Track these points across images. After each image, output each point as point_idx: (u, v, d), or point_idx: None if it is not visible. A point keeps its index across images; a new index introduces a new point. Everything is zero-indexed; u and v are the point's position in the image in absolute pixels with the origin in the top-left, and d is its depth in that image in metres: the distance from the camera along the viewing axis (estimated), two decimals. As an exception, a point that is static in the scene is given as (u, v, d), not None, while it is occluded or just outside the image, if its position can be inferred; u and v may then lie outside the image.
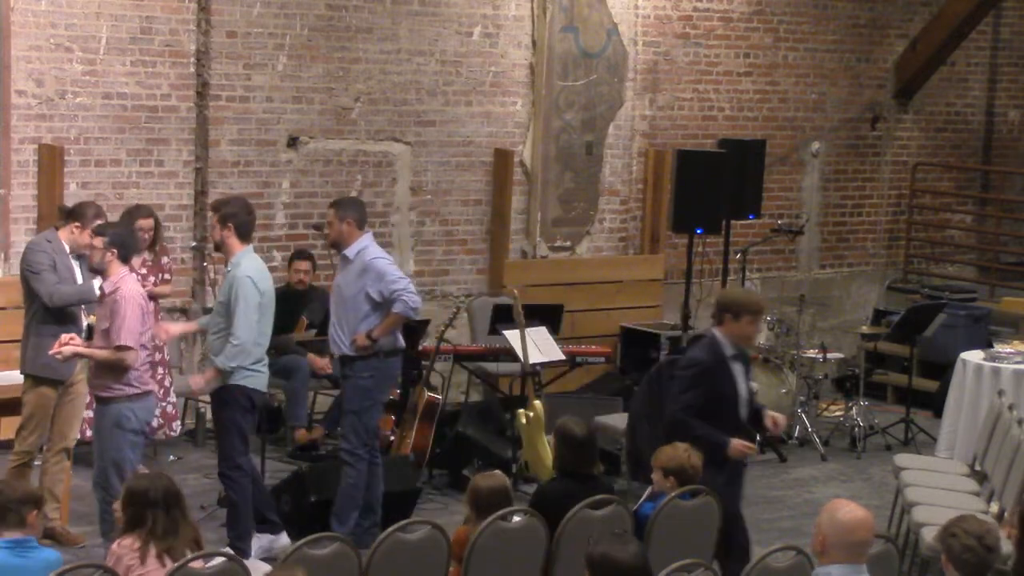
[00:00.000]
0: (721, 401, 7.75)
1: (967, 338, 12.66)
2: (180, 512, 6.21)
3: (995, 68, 15.52)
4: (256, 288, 8.36)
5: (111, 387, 7.92)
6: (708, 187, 11.20)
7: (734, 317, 7.79)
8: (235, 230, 8.40)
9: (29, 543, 6.17)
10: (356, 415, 8.92)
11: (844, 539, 5.58)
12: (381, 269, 8.82)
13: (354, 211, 8.95)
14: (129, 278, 8.00)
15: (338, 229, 8.90)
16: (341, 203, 9.08)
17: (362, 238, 8.91)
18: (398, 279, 8.83)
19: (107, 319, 7.92)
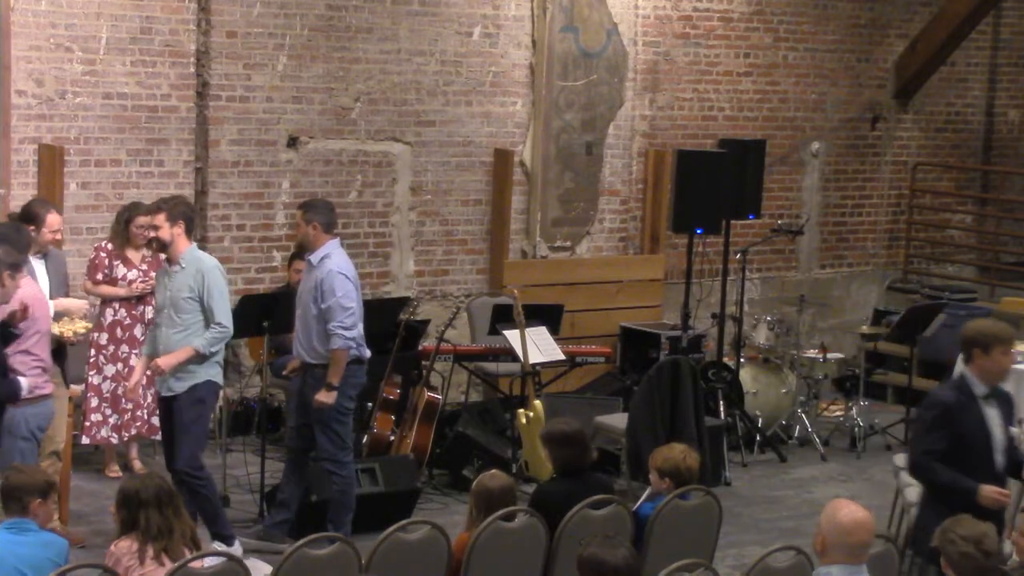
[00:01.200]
0: (969, 445, 6.99)
1: (967, 338, 12.64)
2: (174, 511, 6.21)
3: (995, 68, 15.52)
4: (224, 278, 8.40)
5: None
6: (708, 187, 11.19)
7: (984, 351, 7.01)
8: (184, 227, 8.36)
9: (26, 524, 6.21)
10: (324, 425, 8.79)
11: (843, 540, 5.59)
12: (332, 287, 8.62)
13: (322, 215, 8.77)
14: (25, 280, 7.90)
15: (304, 232, 8.76)
16: (309, 206, 8.90)
17: (328, 244, 8.75)
18: (343, 308, 8.60)
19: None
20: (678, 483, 7.34)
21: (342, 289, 8.62)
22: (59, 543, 6.35)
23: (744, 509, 10.25)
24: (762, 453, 11.61)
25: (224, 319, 8.36)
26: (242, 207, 11.51)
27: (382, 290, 12.14)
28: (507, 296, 11.02)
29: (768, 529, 9.84)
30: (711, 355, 12.08)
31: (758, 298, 13.89)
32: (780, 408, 11.94)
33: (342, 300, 8.62)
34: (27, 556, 6.15)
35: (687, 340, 11.57)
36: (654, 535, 7.18)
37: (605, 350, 11.85)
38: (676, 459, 7.36)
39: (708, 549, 7.47)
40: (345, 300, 8.63)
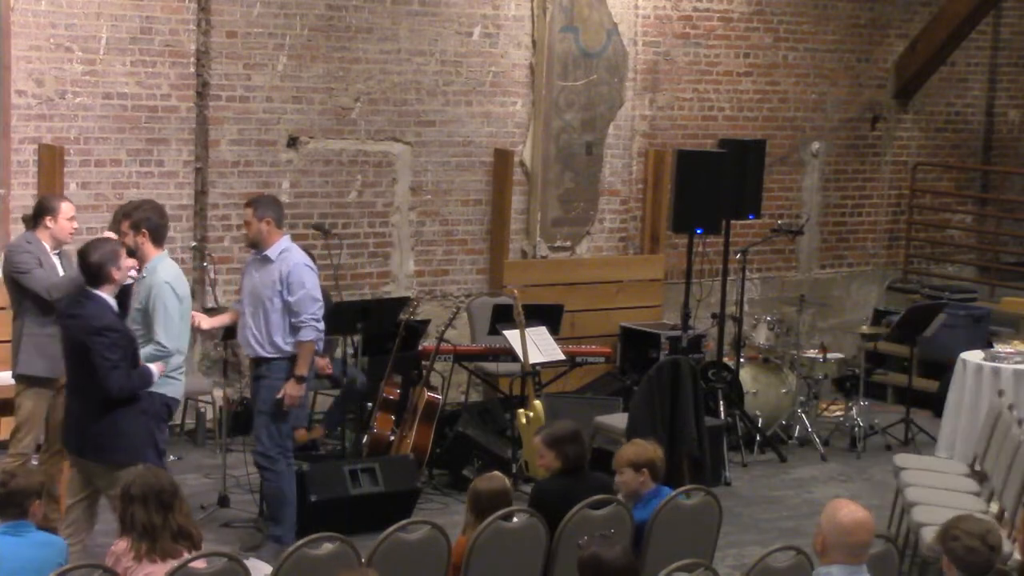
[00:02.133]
0: None
1: (967, 338, 12.66)
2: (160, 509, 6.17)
3: (995, 68, 15.52)
4: (175, 294, 8.05)
5: None
6: (708, 187, 11.19)
7: None
8: (149, 235, 8.10)
9: (26, 525, 6.21)
10: (269, 416, 8.69)
11: (843, 540, 5.59)
12: (301, 280, 8.59)
13: (272, 210, 8.73)
14: None
15: (257, 228, 8.66)
16: (258, 202, 8.82)
17: (282, 239, 8.71)
18: (314, 300, 8.61)
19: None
20: (654, 475, 7.37)
21: (311, 281, 8.63)
22: (58, 543, 6.35)
23: (744, 509, 10.25)
24: (762, 453, 11.61)
25: (164, 339, 7.92)
26: (242, 207, 11.49)
27: (382, 290, 12.14)
28: (507, 296, 11.02)
29: (768, 529, 9.84)
30: (711, 355, 12.08)
31: (758, 298, 13.89)
32: (780, 408, 11.94)
33: (312, 291, 8.63)
34: (28, 557, 6.15)
35: (687, 340, 11.57)
36: (654, 535, 7.18)
37: (605, 350, 11.85)
38: (649, 450, 7.40)
39: (708, 549, 7.47)
40: (315, 291, 8.65)
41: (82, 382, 7.60)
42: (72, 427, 7.74)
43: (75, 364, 7.63)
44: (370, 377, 10.90)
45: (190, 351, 11.32)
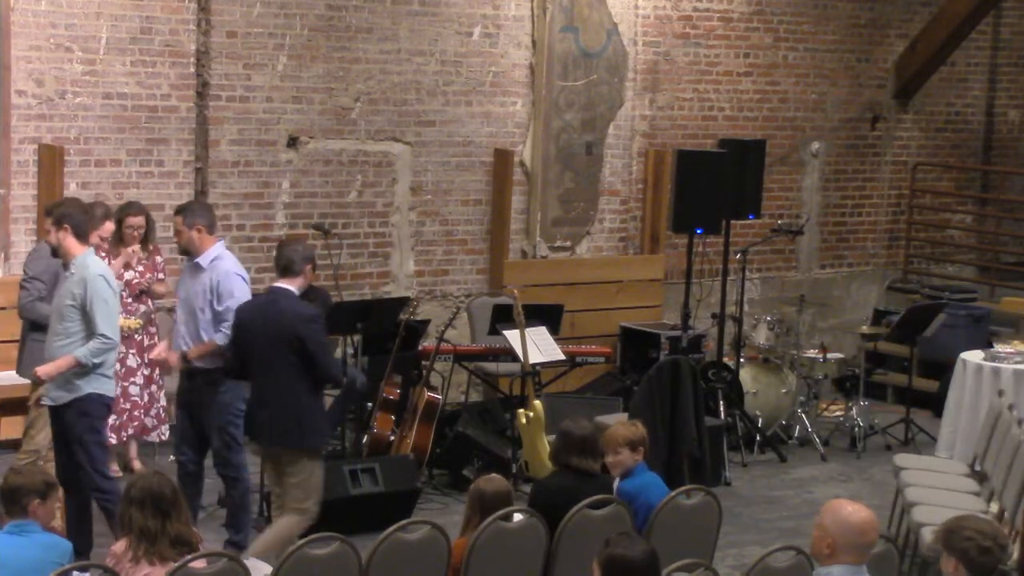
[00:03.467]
0: None
1: (967, 338, 12.66)
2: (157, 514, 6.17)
3: (995, 68, 15.52)
4: (110, 287, 8.03)
5: None
6: (708, 187, 11.19)
7: None
8: (72, 231, 8.03)
9: (29, 526, 6.21)
10: (223, 430, 8.53)
11: (855, 540, 5.57)
12: (230, 290, 8.35)
13: (203, 216, 8.52)
14: None
15: (187, 236, 8.47)
16: (187, 209, 8.62)
17: (215, 246, 8.51)
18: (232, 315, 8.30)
19: None
20: (646, 452, 7.58)
21: (240, 291, 8.37)
22: (62, 544, 6.36)
23: (744, 509, 10.25)
24: (762, 453, 11.61)
25: (108, 330, 7.91)
26: (242, 207, 11.52)
27: (382, 290, 12.14)
28: (507, 296, 11.02)
29: (768, 529, 9.84)
30: (711, 355, 12.08)
31: (758, 298, 13.89)
32: (780, 408, 11.94)
33: (240, 302, 8.33)
34: (30, 558, 6.15)
35: (687, 340, 11.57)
36: (654, 535, 7.18)
37: (605, 350, 11.85)
38: (640, 431, 7.59)
39: (708, 549, 7.47)
40: (238, 304, 8.33)
41: (285, 374, 7.88)
42: (268, 420, 8.00)
43: (275, 358, 7.88)
44: (370, 377, 10.89)
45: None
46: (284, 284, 8.07)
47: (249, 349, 8.04)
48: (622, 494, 7.41)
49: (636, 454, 7.53)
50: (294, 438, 7.99)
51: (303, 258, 8.12)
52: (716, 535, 7.60)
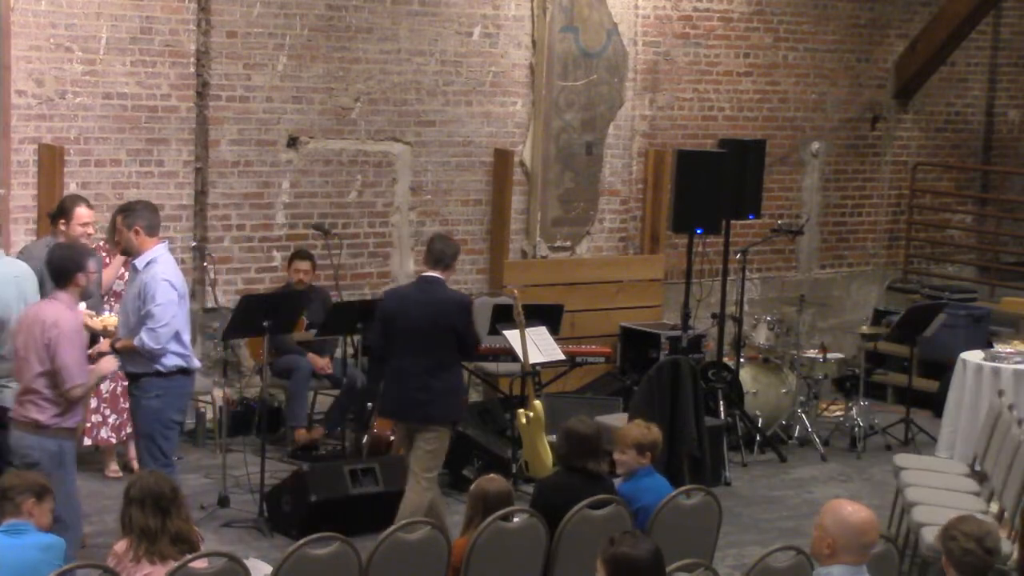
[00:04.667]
0: None
1: (967, 338, 12.67)
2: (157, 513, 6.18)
3: (995, 68, 15.52)
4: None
5: None
6: (708, 187, 11.19)
7: None
8: None
9: (22, 526, 6.21)
10: (149, 439, 8.24)
11: (856, 541, 5.58)
12: (153, 294, 8.09)
13: (143, 218, 8.26)
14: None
15: (126, 237, 8.27)
16: (128, 210, 8.38)
17: (154, 248, 8.25)
18: (160, 316, 8.06)
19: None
20: (654, 457, 7.57)
21: (163, 297, 8.09)
22: (58, 544, 6.35)
23: (744, 509, 10.25)
24: (762, 453, 11.61)
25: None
26: (242, 207, 11.52)
27: (382, 290, 12.11)
28: (507, 296, 11.02)
29: (768, 529, 9.84)
30: (711, 355, 12.08)
31: (758, 298, 13.90)
32: (780, 408, 11.94)
33: (162, 309, 8.10)
34: (25, 559, 6.14)
35: (687, 340, 11.57)
36: (654, 535, 7.18)
37: (605, 350, 11.85)
38: (654, 433, 7.58)
39: (708, 549, 7.47)
40: (165, 310, 8.09)
41: (439, 355, 8.55)
42: (418, 397, 8.53)
43: (432, 340, 8.50)
44: (370, 377, 10.89)
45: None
46: (435, 274, 8.65)
47: (401, 333, 8.57)
48: (619, 495, 7.41)
49: (643, 457, 7.52)
50: (444, 412, 8.65)
51: (453, 253, 8.76)
52: (716, 535, 7.61)
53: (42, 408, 7.55)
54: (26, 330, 7.63)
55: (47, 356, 7.52)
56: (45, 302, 7.83)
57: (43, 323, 7.55)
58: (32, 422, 7.54)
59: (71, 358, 7.53)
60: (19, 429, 7.59)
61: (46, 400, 7.56)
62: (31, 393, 7.55)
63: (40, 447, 7.55)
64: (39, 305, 7.83)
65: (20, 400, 7.61)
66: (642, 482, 7.51)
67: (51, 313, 7.59)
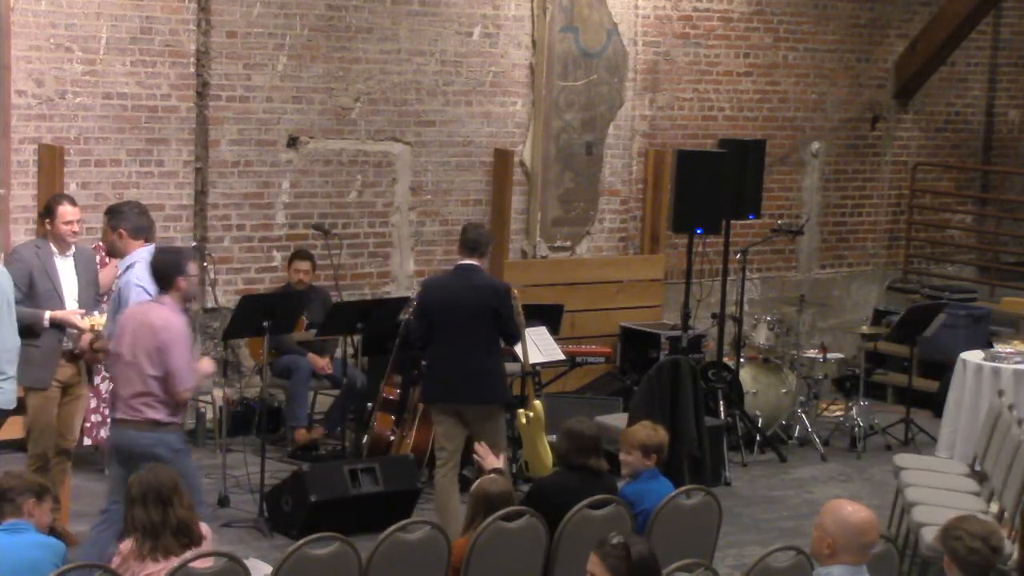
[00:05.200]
0: None
1: (967, 338, 12.67)
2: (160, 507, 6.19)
3: (995, 68, 15.52)
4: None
5: None
6: (708, 187, 11.19)
7: None
8: None
9: (22, 525, 6.21)
10: None
11: (856, 541, 5.58)
12: (128, 298, 8.04)
13: (127, 220, 8.27)
14: None
15: (110, 239, 8.32)
16: (114, 211, 8.39)
17: (136, 251, 8.21)
18: None
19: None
20: (660, 459, 7.58)
21: (136, 302, 8.02)
22: (56, 545, 6.35)
23: (744, 509, 10.25)
24: (762, 453, 11.61)
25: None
26: (242, 207, 11.51)
27: (382, 290, 12.14)
28: (507, 296, 11.00)
29: (768, 529, 9.84)
30: (711, 355, 12.08)
31: (758, 298, 13.89)
32: (780, 408, 11.94)
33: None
34: (24, 558, 6.15)
35: (687, 340, 11.57)
36: (654, 535, 7.18)
37: (605, 350, 11.85)
38: (660, 435, 7.59)
39: (708, 549, 7.47)
40: None
41: (485, 339, 8.88)
42: (469, 381, 8.86)
43: (477, 326, 8.83)
44: (370, 377, 10.90)
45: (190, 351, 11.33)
46: (472, 261, 8.98)
47: (446, 319, 8.85)
48: (622, 496, 7.41)
49: (647, 459, 7.53)
50: (497, 393, 9.05)
51: (488, 240, 9.17)
52: (716, 535, 7.61)
53: (157, 409, 7.64)
54: (133, 334, 7.66)
55: (159, 360, 7.59)
56: (151, 305, 7.79)
57: (152, 327, 7.62)
58: (150, 421, 7.64)
59: (182, 361, 7.62)
60: (135, 429, 7.65)
61: (159, 401, 7.64)
62: (144, 396, 7.63)
63: (162, 442, 7.64)
64: (144, 309, 7.79)
65: (129, 402, 7.66)
66: (647, 485, 7.49)
67: (161, 317, 7.64)
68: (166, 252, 8.05)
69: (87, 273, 8.73)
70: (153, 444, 7.63)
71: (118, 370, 7.75)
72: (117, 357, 7.74)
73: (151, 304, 7.79)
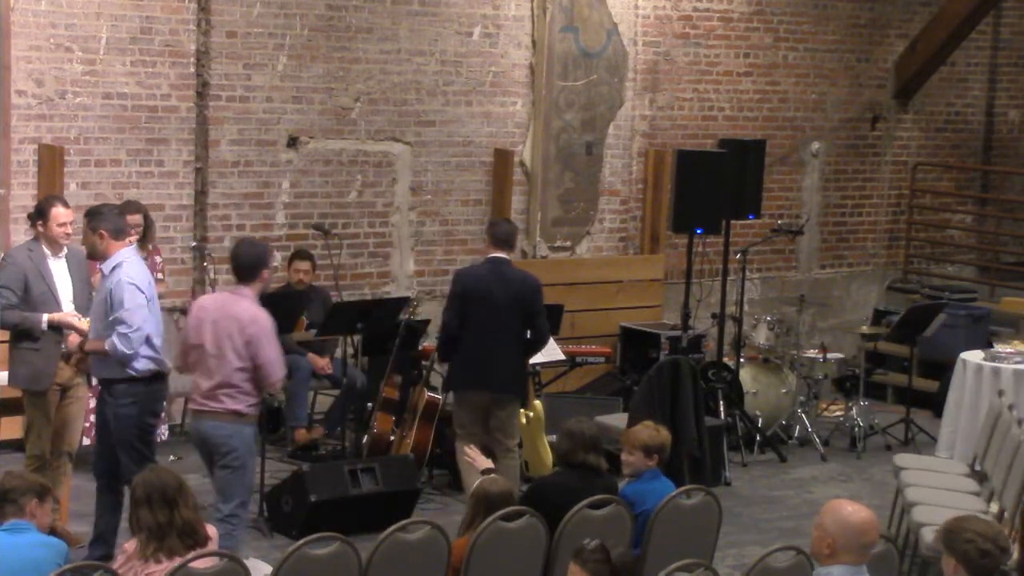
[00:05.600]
0: None
1: (967, 338, 12.67)
2: (165, 508, 6.19)
3: (995, 68, 15.52)
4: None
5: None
6: (708, 187, 11.19)
7: None
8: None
9: (23, 526, 6.21)
10: (128, 445, 8.14)
11: (856, 540, 5.57)
12: (120, 299, 7.96)
13: (107, 222, 8.13)
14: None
15: (91, 241, 8.15)
16: (94, 213, 8.25)
17: (120, 251, 8.12)
18: (131, 320, 7.93)
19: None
20: (661, 459, 7.59)
21: (131, 301, 7.97)
22: (58, 545, 6.35)
23: (744, 509, 10.25)
24: (762, 453, 11.60)
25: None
26: (242, 207, 11.52)
27: (382, 290, 12.14)
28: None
29: (768, 529, 9.84)
30: (711, 355, 12.08)
31: (758, 298, 13.89)
32: (780, 408, 11.94)
33: (131, 313, 7.97)
34: (26, 558, 6.15)
35: (687, 340, 11.57)
36: (654, 535, 7.19)
37: (605, 350, 11.85)
38: (662, 436, 7.60)
39: (708, 549, 7.47)
40: (133, 314, 7.96)
41: (515, 332, 9.14)
42: (495, 371, 9.13)
43: (509, 317, 9.10)
44: (370, 377, 10.90)
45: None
46: (503, 255, 9.23)
47: (480, 310, 9.09)
48: (623, 496, 7.41)
49: (649, 460, 7.54)
50: (517, 387, 9.35)
51: (516, 234, 9.57)
52: (716, 535, 7.60)
53: (239, 400, 7.86)
54: (215, 325, 7.86)
55: (247, 353, 7.81)
56: (232, 297, 8.00)
57: (240, 320, 7.83)
58: (232, 412, 7.86)
59: (273, 353, 7.88)
60: (216, 419, 7.87)
61: (242, 392, 7.86)
62: (228, 387, 7.84)
63: (239, 434, 7.88)
64: (224, 301, 8.01)
65: (211, 394, 7.87)
66: (648, 485, 7.49)
67: (247, 311, 7.86)
68: (251, 244, 8.32)
69: (80, 273, 8.72)
70: (230, 435, 7.86)
71: (197, 361, 7.92)
72: (196, 348, 7.90)
73: (231, 296, 8.01)
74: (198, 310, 8.05)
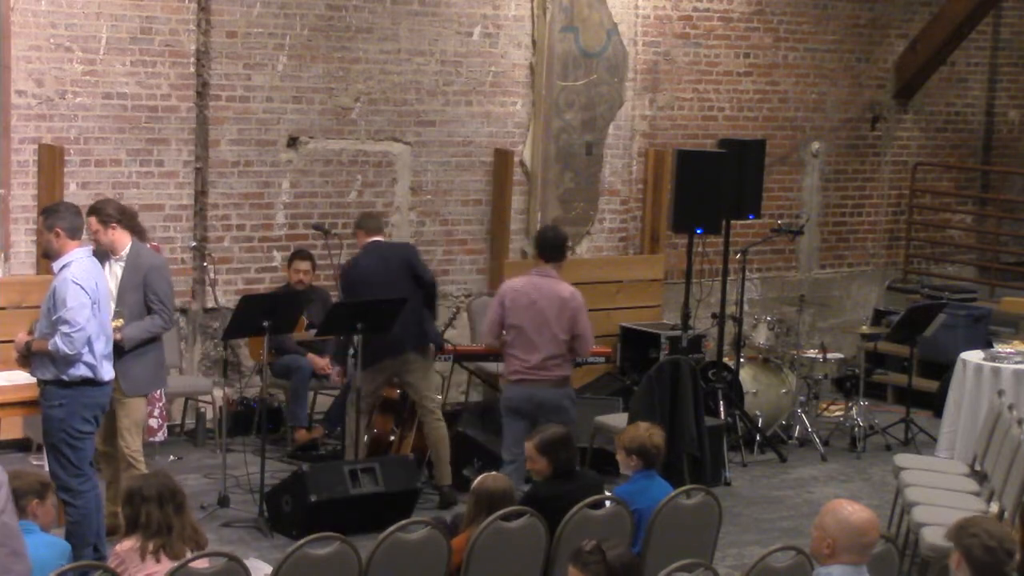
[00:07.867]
0: None
1: (967, 338, 12.67)
2: (175, 509, 6.21)
3: (995, 68, 15.53)
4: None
5: None
6: (708, 187, 11.18)
7: None
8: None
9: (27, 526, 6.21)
10: (55, 448, 8.00)
11: (857, 540, 5.57)
12: (63, 297, 7.83)
13: (63, 220, 7.97)
14: None
15: (47, 239, 8.00)
16: (51, 211, 8.10)
17: (72, 251, 7.96)
18: (73, 320, 7.80)
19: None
20: (646, 462, 7.55)
21: (74, 300, 7.82)
22: (61, 544, 6.36)
23: (744, 509, 10.26)
24: (762, 453, 11.61)
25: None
26: (242, 207, 11.52)
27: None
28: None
29: (768, 529, 9.84)
30: (711, 355, 12.07)
31: (758, 298, 13.90)
32: (780, 408, 11.94)
33: (73, 313, 7.83)
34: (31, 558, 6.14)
35: (687, 340, 11.56)
36: (654, 535, 7.19)
37: (605, 350, 11.84)
38: (642, 437, 7.57)
39: (708, 549, 7.48)
40: (76, 313, 7.83)
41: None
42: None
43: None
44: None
45: (190, 350, 11.35)
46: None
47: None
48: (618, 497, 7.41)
49: (630, 460, 7.55)
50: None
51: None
52: (716, 535, 7.61)
53: (564, 367, 9.23)
54: (534, 304, 9.12)
55: (569, 326, 9.14)
56: (544, 280, 9.24)
57: (562, 297, 9.16)
58: (562, 378, 9.21)
59: (588, 324, 9.24)
60: (550, 387, 9.16)
61: (566, 360, 9.24)
62: (556, 358, 9.16)
63: (568, 395, 9.29)
64: (539, 283, 9.22)
65: (543, 365, 9.16)
66: (638, 484, 7.51)
67: (565, 289, 9.19)
68: (554, 228, 9.67)
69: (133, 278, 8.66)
70: (562, 397, 9.19)
71: (515, 339, 9.16)
72: (514, 328, 9.14)
73: (542, 278, 9.21)
74: (512, 293, 9.25)
